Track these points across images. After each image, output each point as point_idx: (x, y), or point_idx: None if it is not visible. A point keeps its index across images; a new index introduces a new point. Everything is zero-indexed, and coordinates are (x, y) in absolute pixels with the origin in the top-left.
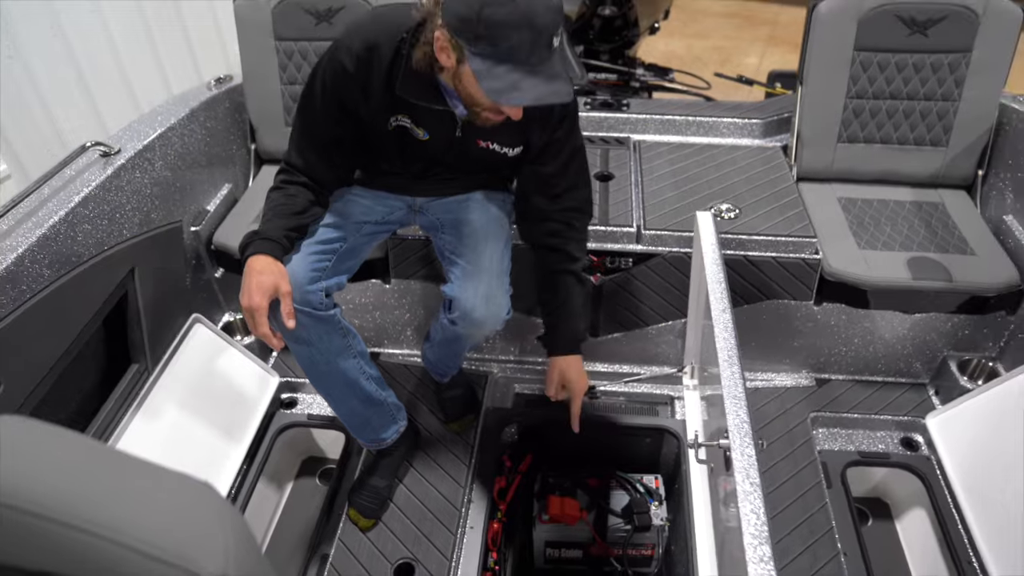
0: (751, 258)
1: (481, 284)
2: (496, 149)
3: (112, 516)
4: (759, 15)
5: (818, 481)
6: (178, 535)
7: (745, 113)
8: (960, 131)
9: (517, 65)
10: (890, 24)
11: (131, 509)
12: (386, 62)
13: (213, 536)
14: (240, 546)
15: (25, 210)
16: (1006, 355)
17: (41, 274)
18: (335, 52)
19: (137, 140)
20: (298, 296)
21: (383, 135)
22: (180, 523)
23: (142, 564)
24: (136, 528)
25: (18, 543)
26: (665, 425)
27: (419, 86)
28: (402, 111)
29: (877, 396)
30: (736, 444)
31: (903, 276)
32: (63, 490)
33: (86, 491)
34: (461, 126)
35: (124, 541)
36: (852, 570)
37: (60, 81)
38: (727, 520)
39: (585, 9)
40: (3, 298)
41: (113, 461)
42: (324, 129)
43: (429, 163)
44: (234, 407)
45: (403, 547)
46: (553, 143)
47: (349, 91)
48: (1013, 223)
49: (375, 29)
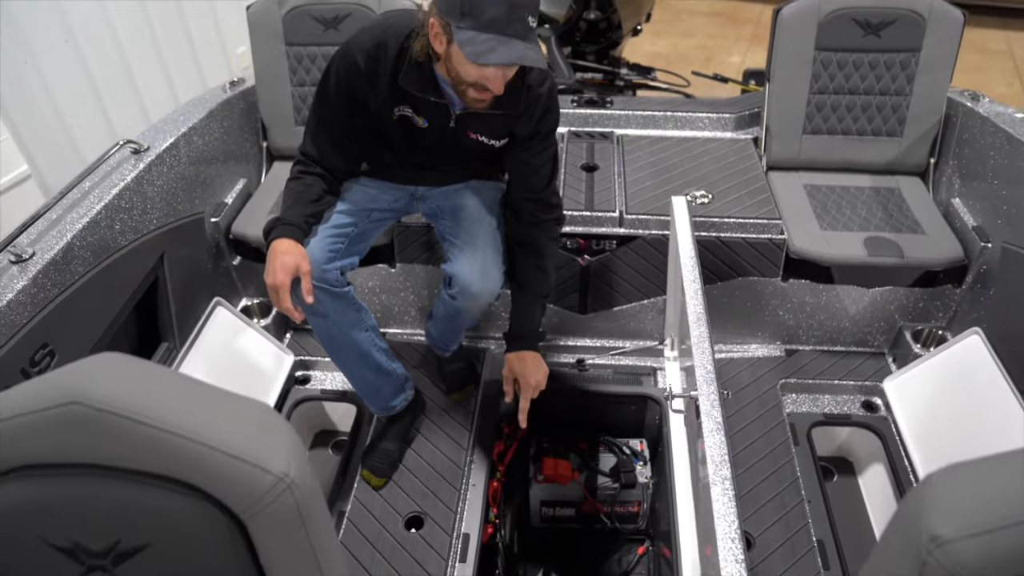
0: (723, 239)
1: (476, 261)
2: (484, 140)
3: (197, 423)
4: (743, 14)
5: (786, 439)
6: (250, 440)
7: (719, 108)
8: (912, 123)
9: (496, 33)
10: (847, 26)
11: (212, 418)
12: (392, 57)
13: (277, 443)
14: (296, 452)
15: (70, 201)
16: (954, 324)
17: (86, 258)
18: (347, 49)
19: (164, 138)
20: (317, 274)
21: (389, 124)
22: (251, 431)
23: (223, 460)
24: (217, 431)
25: (126, 447)
26: (648, 393)
27: (420, 79)
28: (405, 102)
29: (841, 364)
30: (703, 392)
31: (860, 253)
32: (158, 403)
33: (177, 404)
34: (455, 118)
35: (207, 442)
36: (815, 514)
37: (71, 85)
38: (703, 477)
39: (572, 13)
40: (56, 279)
41: (196, 385)
42: (338, 120)
43: (429, 154)
44: (254, 383)
45: (412, 502)
46: (537, 136)
47: (359, 84)
48: (960, 206)
49: (383, 29)
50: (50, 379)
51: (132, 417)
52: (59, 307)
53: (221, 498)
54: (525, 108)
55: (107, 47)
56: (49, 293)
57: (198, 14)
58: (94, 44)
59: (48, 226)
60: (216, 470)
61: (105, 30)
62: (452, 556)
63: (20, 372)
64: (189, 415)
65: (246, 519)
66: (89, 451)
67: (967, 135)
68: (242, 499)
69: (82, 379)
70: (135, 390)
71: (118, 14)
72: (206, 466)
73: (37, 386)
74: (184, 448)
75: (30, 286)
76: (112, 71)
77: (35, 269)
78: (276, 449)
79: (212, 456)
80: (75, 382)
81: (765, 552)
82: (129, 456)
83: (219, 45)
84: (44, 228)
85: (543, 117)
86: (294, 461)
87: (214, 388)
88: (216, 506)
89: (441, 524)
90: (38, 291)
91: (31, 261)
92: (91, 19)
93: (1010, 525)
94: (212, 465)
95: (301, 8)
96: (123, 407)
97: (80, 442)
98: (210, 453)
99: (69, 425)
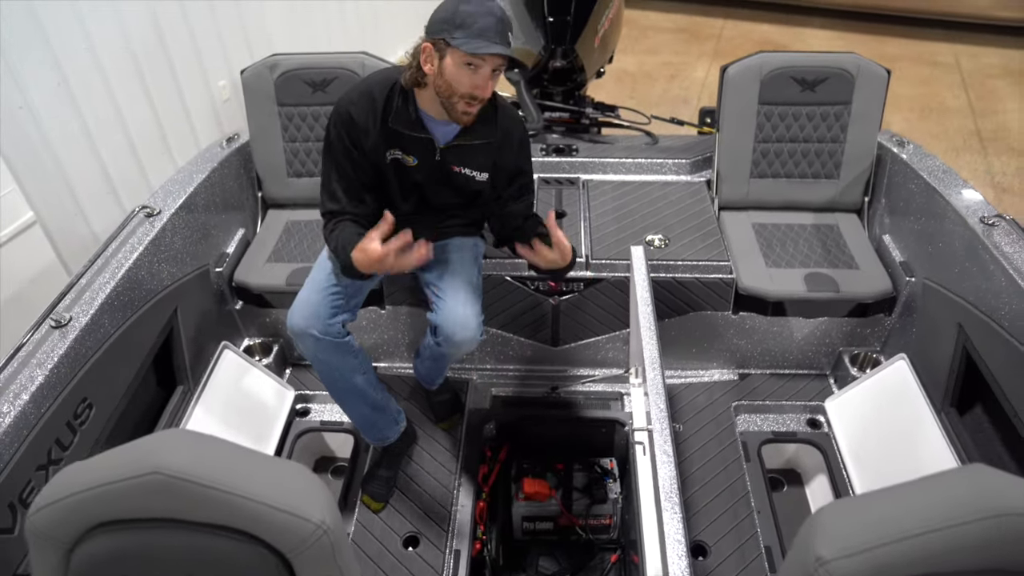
0: (679, 279)
1: (459, 313)
2: (467, 173)
3: (252, 484)
4: (704, 30)
5: (738, 457)
6: (292, 496)
7: (676, 154)
8: (847, 166)
9: (487, 37)
10: (786, 83)
11: (262, 479)
12: (380, 105)
13: (313, 496)
14: (329, 504)
15: (98, 267)
16: (887, 348)
17: (115, 319)
18: (339, 106)
19: (174, 200)
20: (322, 328)
21: (384, 168)
22: (292, 488)
23: (271, 513)
24: (265, 491)
25: (197, 506)
26: (616, 417)
27: (406, 119)
28: (394, 144)
29: (788, 385)
30: (656, 427)
31: (801, 289)
32: (220, 469)
33: (234, 469)
34: (440, 151)
35: (261, 500)
36: (764, 523)
37: (66, 130)
38: None
39: (539, 59)
40: (90, 340)
41: (244, 452)
42: (347, 171)
43: (420, 195)
44: (260, 417)
45: (409, 523)
46: (520, 174)
47: (355, 133)
48: (889, 242)
49: (369, 83)
50: (131, 452)
51: (202, 483)
52: (94, 365)
53: (272, 543)
54: (503, 136)
55: (100, 93)
56: (86, 353)
57: (180, 44)
58: (87, 90)
59: (80, 292)
60: (268, 521)
61: (97, 76)
62: (446, 571)
63: (67, 426)
64: (245, 478)
65: (292, 558)
66: (166, 510)
67: (895, 178)
68: (289, 543)
69: (159, 452)
70: (202, 460)
71: (112, 66)
72: (260, 518)
73: (120, 458)
74: (243, 505)
75: (70, 349)
76: (105, 118)
77: (73, 334)
78: (314, 502)
79: (265, 511)
80: (153, 455)
81: (719, 560)
82: (199, 512)
83: (200, 74)
84: (76, 295)
85: (521, 145)
86: (328, 511)
87: (259, 454)
88: (268, 549)
89: (435, 542)
90: (76, 353)
91: (69, 326)
92: (85, 68)
93: (880, 546)
94: (265, 517)
95: (292, 72)
96: (195, 475)
97: (159, 504)
98: (264, 508)
99: (149, 491)
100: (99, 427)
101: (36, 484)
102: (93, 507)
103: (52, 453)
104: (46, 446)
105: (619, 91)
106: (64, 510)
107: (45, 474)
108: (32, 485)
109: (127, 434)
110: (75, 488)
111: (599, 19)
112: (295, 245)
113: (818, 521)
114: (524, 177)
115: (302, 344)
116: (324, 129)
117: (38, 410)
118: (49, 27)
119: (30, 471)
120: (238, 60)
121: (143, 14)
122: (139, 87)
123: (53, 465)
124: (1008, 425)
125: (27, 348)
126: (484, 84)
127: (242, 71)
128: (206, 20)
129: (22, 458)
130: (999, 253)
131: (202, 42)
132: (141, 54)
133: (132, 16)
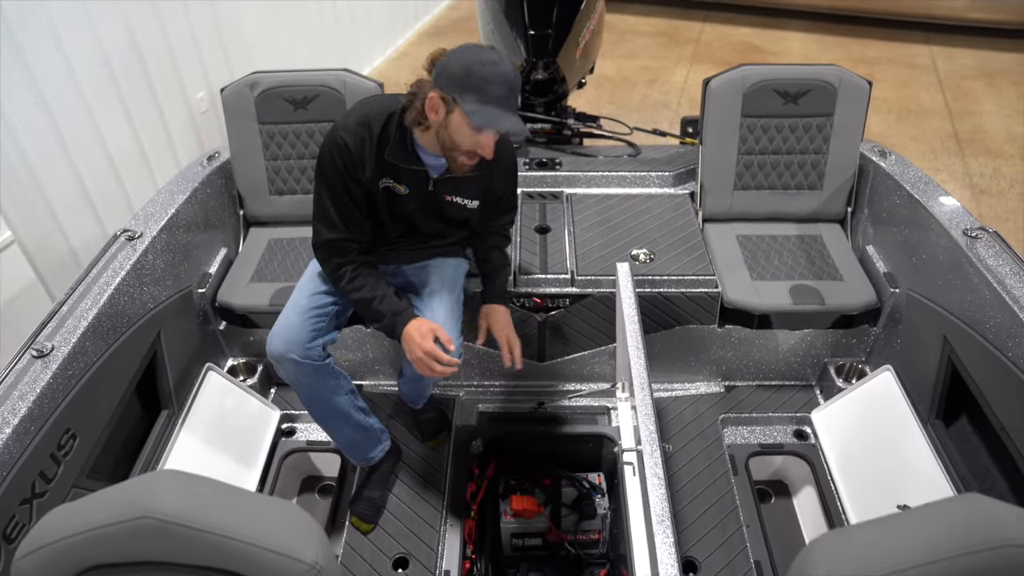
0: (665, 294)
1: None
2: (459, 201)
3: (244, 526)
4: (683, 34)
5: (726, 470)
6: (284, 536)
7: (659, 166)
8: (830, 177)
9: (499, 106)
10: (768, 96)
11: (255, 521)
12: (376, 134)
13: (306, 537)
14: (321, 543)
15: (79, 293)
16: (872, 358)
17: (97, 345)
18: (334, 134)
19: (155, 222)
20: (301, 352)
21: (376, 195)
22: (284, 528)
23: (264, 555)
24: (257, 532)
25: (190, 549)
26: (603, 432)
27: (402, 153)
28: (388, 174)
29: (774, 397)
30: (646, 449)
31: (786, 302)
32: (212, 512)
33: (226, 511)
34: (432, 182)
35: (250, 541)
36: (753, 537)
37: (44, 150)
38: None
39: (521, 71)
40: (73, 369)
41: (237, 493)
42: (341, 198)
43: (408, 222)
44: (246, 439)
45: (398, 544)
46: (505, 193)
47: (350, 161)
48: (873, 252)
49: (365, 111)
50: (121, 495)
51: (194, 527)
52: (78, 394)
53: None
54: (496, 163)
55: (78, 112)
56: (69, 382)
57: (156, 57)
58: (64, 109)
59: (62, 320)
60: (262, 564)
61: (75, 95)
62: None
63: (50, 457)
64: (238, 521)
65: None
66: (157, 554)
67: (878, 189)
68: None
69: (149, 496)
70: (193, 502)
71: (89, 84)
72: (253, 560)
73: (109, 501)
74: (236, 548)
75: (53, 379)
76: (83, 135)
77: (55, 364)
78: (307, 543)
79: (258, 553)
80: (143, 499)
81: (709, 575)
82: (191, 555)
83: (178, 87)
84: (59, 323)
85: (511, 169)
86: (320, 551)
87: (250, 493)
88: None
89: (424, 563)
90: (59, 383)
91: (51, 356)
92: (63, 86)
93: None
94: (258, 559)
95: (272, 90)
96: (186, 518)
97: (150, 548)
98: (256, 550)
99: (141, 535)
100: (83, 457)
101: (20, 519)
102: (82, 551)
103: (36, 486)
104: (30, 479)
105: (599, 96)
106: (52, 554)
107: (29, 508)
108: (16, 520)
109: (112, 462)
110: (63, 532)
111: (580, 30)
112: (278, 264)
113: (813, 553)
114: (510, 197)
115: (282, 369)
116: (305, 146)
117: (21, 443)
118: (25, 44)
119: (14, 506)
120: (216, 72)
121: (118, 26)
122: (116, 100)
123: (37, 499)
124: (994, 437)
125: (8, 380)
126: (488, 146)
127: (222, 89)
128: (182, 30)
129: (5, 493)
130: (983, 266)
131: (179, 53)
132: (118, 67)
133: (107, 28)
